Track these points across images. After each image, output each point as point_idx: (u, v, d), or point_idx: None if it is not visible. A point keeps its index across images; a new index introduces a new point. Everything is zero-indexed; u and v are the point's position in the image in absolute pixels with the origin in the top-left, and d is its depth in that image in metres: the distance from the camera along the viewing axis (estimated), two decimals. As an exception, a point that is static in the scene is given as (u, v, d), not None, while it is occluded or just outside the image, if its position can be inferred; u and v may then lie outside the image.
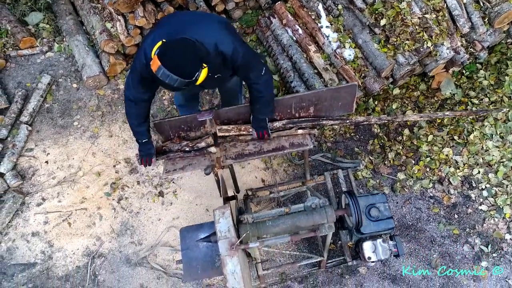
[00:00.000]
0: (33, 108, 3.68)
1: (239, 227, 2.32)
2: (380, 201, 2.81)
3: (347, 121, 2.99)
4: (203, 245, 2.64)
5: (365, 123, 3.09)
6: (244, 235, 2.14)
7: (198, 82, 1.98)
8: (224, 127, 2.57)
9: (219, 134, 2.57)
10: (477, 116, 3.67)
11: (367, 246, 2.78)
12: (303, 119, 2.76)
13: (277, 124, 2.68)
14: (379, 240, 2.80)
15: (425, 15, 3.27)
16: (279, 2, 3.83)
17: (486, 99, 3.77)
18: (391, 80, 3.54)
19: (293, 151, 2.76)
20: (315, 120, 2.78)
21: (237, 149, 2.73)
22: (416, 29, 3.26)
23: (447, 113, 3.17)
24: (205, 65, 1.96)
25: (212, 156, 2.69)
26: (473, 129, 3.65)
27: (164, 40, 1.96)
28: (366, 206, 2.78)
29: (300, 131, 2.75)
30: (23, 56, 3.90)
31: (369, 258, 2.76)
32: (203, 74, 1.97)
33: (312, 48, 3.57)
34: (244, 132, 2.63)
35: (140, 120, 2.47)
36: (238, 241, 2.03)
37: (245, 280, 2.15)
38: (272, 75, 2.65)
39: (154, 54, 1.92)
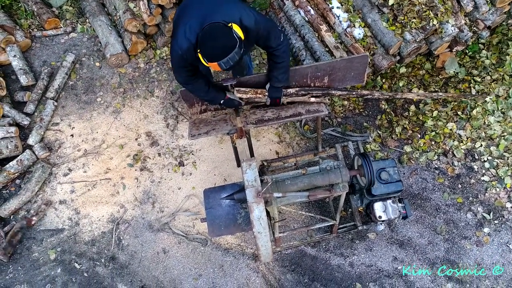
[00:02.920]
0: (58, 85, 3.88)
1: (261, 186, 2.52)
2: (389, 165, 3.01)
3: (354, 93, 3.21)
4: (226, 204, 2.85)
5: (369, 96, 3.30)
6: (269, 183, 2.34)
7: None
8: (242, 88, 2.75)
9: (238, 94, 2.75)
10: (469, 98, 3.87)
11: (378, 206, 2.99)
12: (315, 87, 2.96)
13: (290, 90, 2.88)
14: (389, 201, 3.01)
15: None
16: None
17: (488, 77, 3.97)
18: (398, 58, 3.74)
19: (309, 117, 2.95)
20: (325, 89, 2.99)
21: (257, 116, 2.93)
22: (423, 8, 3.45)
23: (440, 94, 3.38)
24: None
25: (234, 122, 2.89)
26: (476, 105, 3.86)
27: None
28: (377, 170, 2.98)
29: (312, 99, 2.95)
30: (47, 37, 4.10)
31: (380, 217, 2.97)
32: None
33: (324, 27, 3.77)
34: (260, 96, 2.82)
35: (205, 89, 2.65)
36: (264, 189, 2.23)
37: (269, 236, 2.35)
38: (289, 42, 2.84)
39: (204, 56, 2.16)
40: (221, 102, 2.76)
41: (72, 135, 3.80)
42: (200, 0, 2.41)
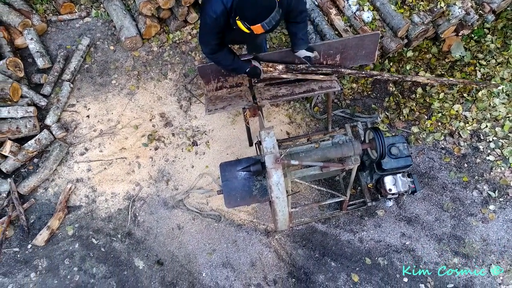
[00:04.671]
0: (74, 68, 3.97)
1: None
2: (399, 141, 3.12)
3: (363, 73, 3.31)
4: (241, 177, 2.94)
5: (378, 77, 3.39)
6: (287, 150, 2.44)
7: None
8: (270, 64, 2.84)
9: (265, 69, 2.83)
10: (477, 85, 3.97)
11: (388, 180, 3.09)
12: (327, 65, 3.06)
13: (301, 66, 2.98)
14: (399, 175, 3.11)
15: (438, -22, 3.57)
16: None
17: (493, 61, 4.07)
18: (406, 41, 3.84)
19: (322, 93, 3.04)
20: (335, 67, 3.08)
21: (271, 92, 3.03)
22: (430, -8, 3.55)
23: (451, 79, 3.47)
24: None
25: (248, 97, 2.99)
26: (481, 87, 3.96)
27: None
28: (387, 146, 3.08)
29: (322, 77, 3.04)
30: (63, 21, 4.20)
31: (390, 190, 3.07)
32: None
33: (333, 11, 3.86)
34: (284, 73, 2.90)
35: (231, 58, 2.72)
36: (283, 155, 2.33)
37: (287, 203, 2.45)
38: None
39: (243, 18, 2.24)
40: (247, 70, 2.83)
41: (88, 116, 3.90)
42: None
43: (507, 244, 3.46)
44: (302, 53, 2.80)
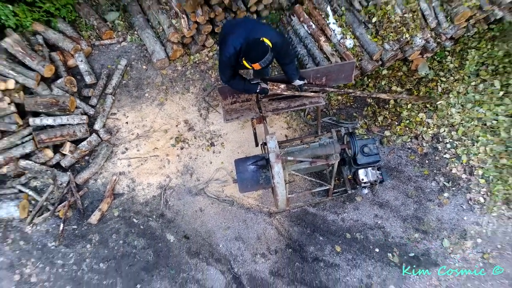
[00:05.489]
0: (114, 83, 4.96)
1: (279, 150, 3.61)
2: (370, 143, 4.10)
3: (342, 90, 4.30)
4: (251, 170, 3.92)
5: (352, 94, 4.38)
6: (285, 149, 3.43)
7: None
8: (274, 83, 3.82)
9: (271, 87, 3.80)
10: (436, 94, 4.95)
11: (361, 172, 4.08)
12: (316, 85, 4.05)
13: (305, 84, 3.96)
14: (369, 169, 4.10)
15: (404, 15, 4.55)
16: (298, 4, 5.11)
17: (452, 78, 5.06)
18: (380, 62, 4.82)
19: (311, 106, 4.03)
20: (322, 87, 4.07)
21: (273, 106, 4.01)
22: (398, 25, 4.53)
23: (404, 96, 4.46)
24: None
25: (256, 110, 3.98)
26: (440, 100, 4.94)
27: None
28: (360, 146, 4.07)
29: (312, 94, 4.03)
30: (104, 45, 5.18)
31: (363, 179, 4.07)
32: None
33: (322, 39, 4.85)
34: (284, 89, 3.87)
35: (242, 83, 3.69)
36: (282, 153, 3.31)
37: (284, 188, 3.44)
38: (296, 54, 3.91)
39: (247, 59, 3.22)
40: (257, 90, 3.78)
41: (127, 122, 4.89)
42: (244, 22, 3.49)
43: (456, 223, 4.46)
44: (296, 82, 3.80)
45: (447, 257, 4.33)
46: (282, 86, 3.89)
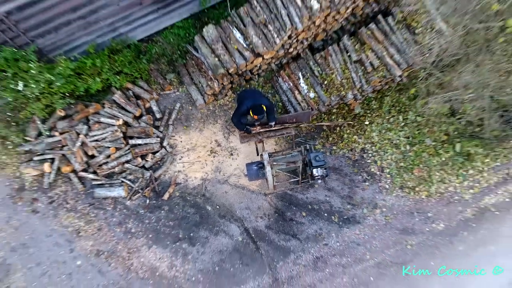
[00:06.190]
0: (173, 118, 8.34)
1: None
2: (320, 153, 7.48)
3: (298, 127, 7.71)
4: (255, 169, 7.33)
5: (304, 125, 7.78)
6: (272, 158, 6.85)
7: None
8: (254, 127, 7.24)
9: (261, 129, 7.22)
10: (357, 122, 8.35)
11: (314, 170, 7.46)
12: (286, 124, 7.45)
13: (276, 124, 7.37)
14: (319, 168, 7.48)
15: (342, 80, 7.93)
16: (281, 70, 8.49)
17: (374, 114, 8.44)
18: (331, 106, 8.20)
19: (286, 135, 7.43)
20: (292, 124, 7.46)
21: (266, 134, 7.41)
22: (338, 86, 7.92)
23: (339, 121, 7.85)
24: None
25: (257, 137, 7.37)
26: (366, 127, 8.32)
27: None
28: (314, 155, 7.45)
29: (287, 127, 7.43)
30: (166, 94, 8.57)
31: (315, 174, 7.44)
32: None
33: (296, 92, 8.23)
34: (267, 128, 7.30)
35: (243, 126, 7.06)
36: (271, 160, 6.70)
37: (272, 178, 6.86)
38: (276, 111, 7.36)
39: (252, 113, 6.61)
40: (245, 129, 7.16)
41: (181, 141, 8.27)
42: (252, 93, 6.90)
43: (372, 200, 7.83)
44: (271, 123, 7.21)
45: (365, 218, 7.71)
46: (258, 127, 7.28)
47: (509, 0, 5.45)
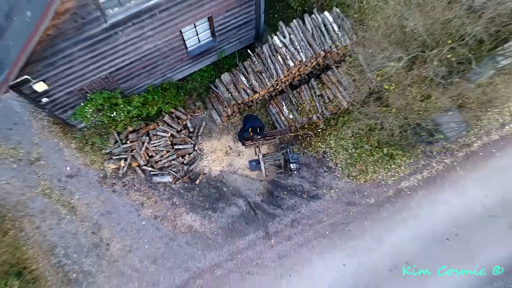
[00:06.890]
0: (201, 131, 12.78)
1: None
2: (295, 154, 11.92)
3: (281, 138, 12.20)
4: (254, 164, 11.79)
5: (281, 136, 12.25)
6: (265, 157, 11.33)
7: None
8: (248, 141, 11.71)
9: (251, 143, 11.68)
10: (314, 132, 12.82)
11: (292, 165, 11.89)
12: (274, 135, 11.90)
13: (265, 135, 11.82)
14: (294, 163, 11.91)
15: (310, 108, 12.36)
16: (272, 100, 12.93)
17: (333, 128, 12.86)
18: (302, 124, 12.63)
19: (273, 143, 11.81)
20: (277, 135, 11.91)
21: (260, 142, 11.85)
22: (307, 111, 12.35)
23: (303, 132, 12.31)
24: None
25: (256, 144, 11.81)
26: (327, 137, 12.74)
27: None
28: (291, 156, 11.87)
29: (274, 137, 11.88)
30: (195, 115, 13.00)
31: (291, 168, 11.87)
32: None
33: (281, 114, 12.66)
34: (257, 140, 11.76)
35: (243, 141, 11.60)
36: (264, 158, 11.14)
37: (265, 170, 11.33)
38: (266, 129, 11.89)
39: (251, 132, 11.11)
40: (242, 142, 11.64)
41: (206, 146, 12.69)
42: (252, 118, 11.41)
43: (329, 184, 12.27)
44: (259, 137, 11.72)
45: (324, 196, 12.14)
46: (249, 141, 11.72)
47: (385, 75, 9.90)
